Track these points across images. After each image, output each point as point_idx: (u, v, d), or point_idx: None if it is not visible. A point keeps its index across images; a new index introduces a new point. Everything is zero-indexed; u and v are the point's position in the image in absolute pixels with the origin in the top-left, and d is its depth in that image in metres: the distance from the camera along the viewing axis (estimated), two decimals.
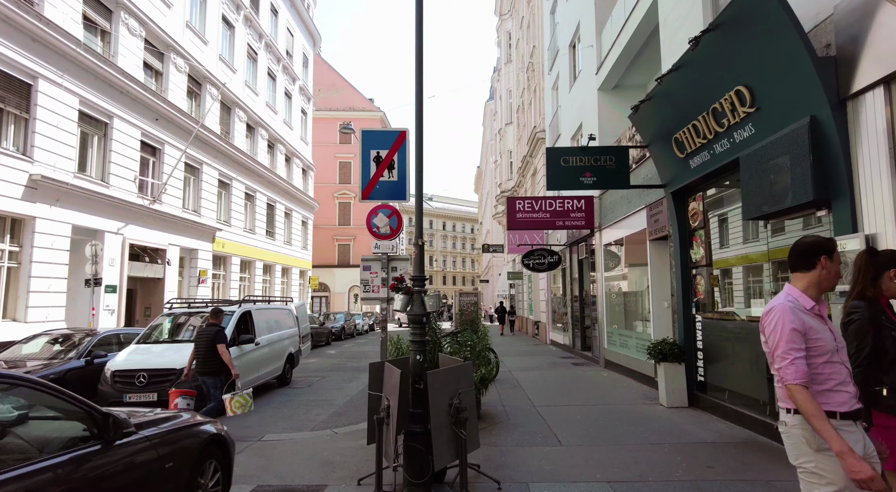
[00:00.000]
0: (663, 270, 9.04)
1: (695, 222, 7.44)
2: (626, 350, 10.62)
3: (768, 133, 5.14)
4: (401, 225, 6.22)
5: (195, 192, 21.50)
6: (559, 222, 12.18)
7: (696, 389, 7.42)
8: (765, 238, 5.87)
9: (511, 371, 11.79)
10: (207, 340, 6.66)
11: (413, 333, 4.39)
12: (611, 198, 11.49)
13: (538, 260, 15.70)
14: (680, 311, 7.68)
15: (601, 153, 8.11)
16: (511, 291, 32.93)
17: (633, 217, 10.06)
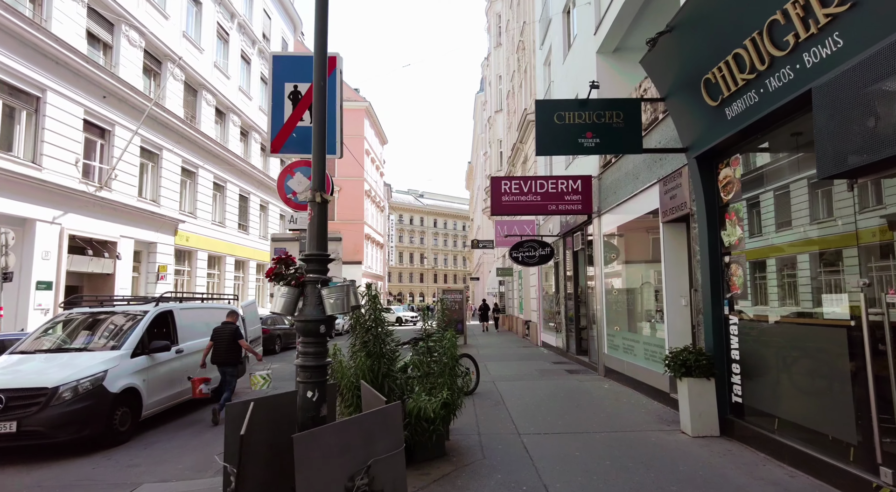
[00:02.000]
0: (680, 258, 7.31)
1: (728, 194, 5.70)
2: (631, 357, 8.89)
3: (867, 43, 3.41)
4: (328, 191, 4.43)
5: (154, 180, 19.56)
6: (552, 207, 10.42)
7: (731, 412, 5.69)
8: (847, 209, 4.12)
9: (495, 381, 10.01)
10: (228, 336, 7.95)
11: (303, 353, 2.62)
12: (613, 176, 9.75)
13: (528, 253, 13.96)
14: (707, 310, 5.94)
15: (606, 108, 6.34)
16: (501, 288, 31.20)
17: (641, 197, 8.31)
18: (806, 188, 4.68)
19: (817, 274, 4.56)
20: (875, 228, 3.88)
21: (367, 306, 4.92)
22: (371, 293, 4.89)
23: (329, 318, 2.75)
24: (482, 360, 13.71)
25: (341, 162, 43.23)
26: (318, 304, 2.72)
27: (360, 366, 4.62)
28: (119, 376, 6.35)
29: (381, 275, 54.43)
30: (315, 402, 2.53)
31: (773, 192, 5.17)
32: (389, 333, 5.04)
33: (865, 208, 3.98)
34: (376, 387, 4.60)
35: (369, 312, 4.88)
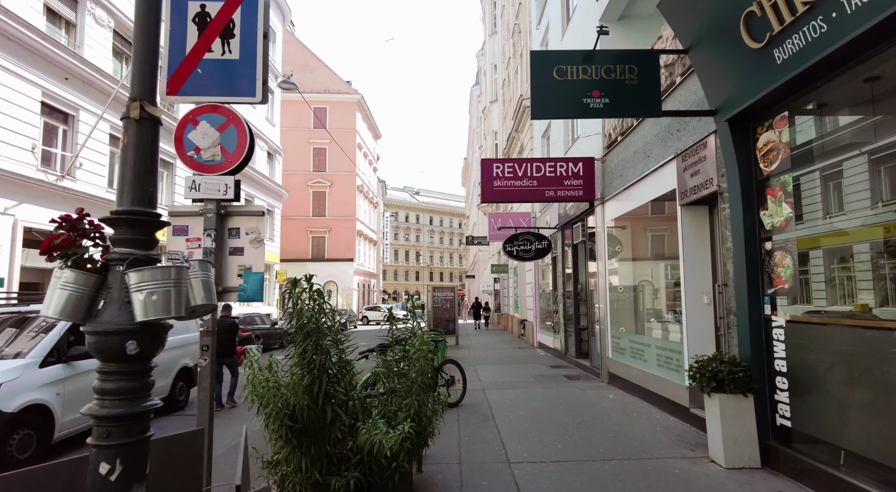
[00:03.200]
0: (702, 248, 6.17)
1: (771, 165, 4.55)
2: (640, 363, 7.75)
3: None
4: (244, 146, 3.26)
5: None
6: (550, 193, 9.26)
7: (774, 437, 4.55)
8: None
9: (485, 389, 8.86)
10: (226, 329, 8.65)
11: (100, 393, 1.47)
12: (619, 156, 8.59)
13: (523, 246, 12.81)
14: (742, 309, 4.79)
15: (617, 61, 5.17)
16: (496, 286, 30.07)
17: (653, 178, 7.16)
18: (886, 153, 3.54)
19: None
20: None
21: (308, 304, 3.75)
22: (307, 285, 3.73)
23: (145, 327, 1.58)
24: (473, 363, 12.56)
25: (332, 156, 42.05)
26: (123, 301, 1.58)
27: (292, 386, 3.46)
28: (19, 391, 5.17)
29: (375, 273, 53.24)
30: (115, 482, 1.40)
31: (835, 158, 4.02)
32: (339, 340, 3.87)
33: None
34: (314, 414, 3.45)
35: (309, 312, 3.72)
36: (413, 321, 4.61)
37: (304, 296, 3.86)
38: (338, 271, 41.76)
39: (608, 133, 9.15)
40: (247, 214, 3.38)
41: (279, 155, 33.29)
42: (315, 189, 42.89)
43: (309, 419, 3.43)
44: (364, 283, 47.60)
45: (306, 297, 3.81)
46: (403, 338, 4.60)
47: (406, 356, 4.29)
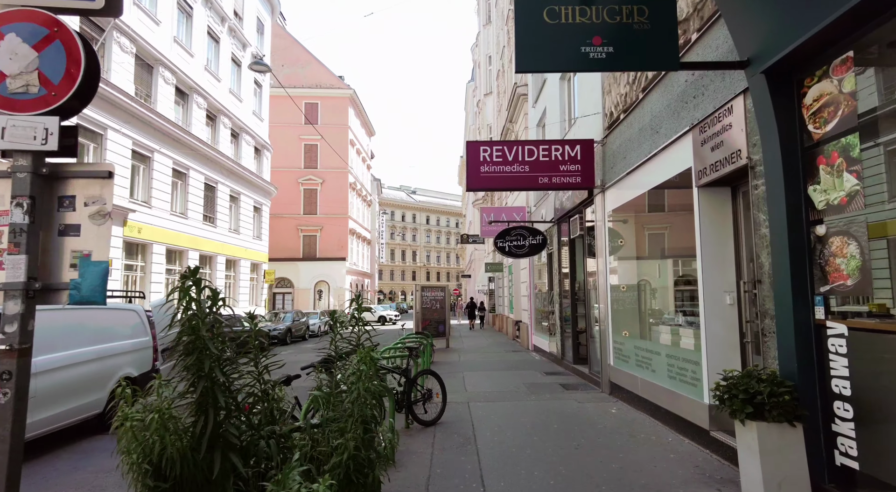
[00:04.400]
0: (723, 237, 5.13)
1: (824, 126, 3.51)
2: (647, 373, 6.70)
3: None
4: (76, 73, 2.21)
5: (96, 162, 17.23)
6: (543, 179, 8.21)
7: (832, 480, 3.51)
8: None
9: (470, 402, 7.79)
10: None
11: None
12: (622, 136, 7.55)
13: (516, 242, 11.76)
14: (784, 312, 3.75)
15: (623, 1, 4.13)
16: (491, 285, 29.04)
17: (662, 157, 6.12)
18: None
19: None
20: None
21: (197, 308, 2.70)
22: (192, 278, 2.68)
23: None
24: (461, 369, 11.51)
25: (323, 152, 40.98)
26: None
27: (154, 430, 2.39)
28: None
29: (369, 272, 52.14)
30: None
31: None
32: (233, 358, 2.80)
33: None
34: (194, 465, 2.39)
35: (192, 317, 2.66)
36: (356, 327, 3.54)
37: (203, 295, 2.82)
38: (330, 271, 40.67)
39: (609, 111, 8.11)
40: (85, 175, 2.31)
41: (267, 151, 32.22)
42: (306, 187, 41.78)
43: (185, 473, 2.38)
44: (357, 283, 46.51)
45: (202, 297, 2.76)
46: (346, 351, 3.54)
47: (347, 375, 3.22)
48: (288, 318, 23.19)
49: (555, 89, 12.16)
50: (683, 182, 5.69)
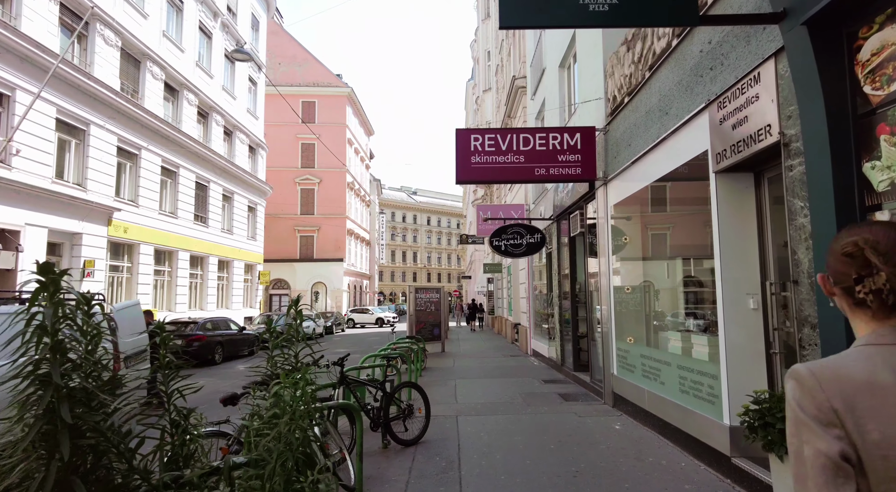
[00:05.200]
0: (745, 230, 4.41)
1: (887, 86, 2.79)
2: (655, 385, 5.98)
3: None
4: None
5: (79, 160, 16.59)
6: (540, 171, 7.49)
7: None
8: None
9: (459, 415, 7.06)
10: None
11: None
12: (626, 122, 6.83)
13: (512, 240, 11.05)
14: (831, 321, 3.03)
15: None
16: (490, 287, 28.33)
17: (672, 141, 5.41)
18: None
19: None
20: None
21: None
22: (48, 277, 1.98)
23: None
24: (454, 376, 10.79)
25: (321, 151, 40.33)
26: None
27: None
28: None
29: (368, 273, 51.46)
30: None
31: None
32: (98, 388, 2.08)
33: None
34: None
35: (38, 329, 1.95)
36: (296, 339, 2.84)
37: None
38: (327, 272, 39.99)
39: (612, 95, 7.39)
40: None
41: (262, 149, 31.57)
42: (303, 186, 41.12)
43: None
44: (355, 284, 45.82)
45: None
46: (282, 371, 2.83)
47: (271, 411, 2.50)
48: (281, 320, 22.49)
49: (553, 79, 11.45)
50: (697, 169, 4.97)
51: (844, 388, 0.92)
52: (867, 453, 0.89)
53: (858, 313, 1.04)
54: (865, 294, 0.99)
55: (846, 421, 0.90)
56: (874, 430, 0.89)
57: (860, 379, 0.93)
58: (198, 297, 24.39)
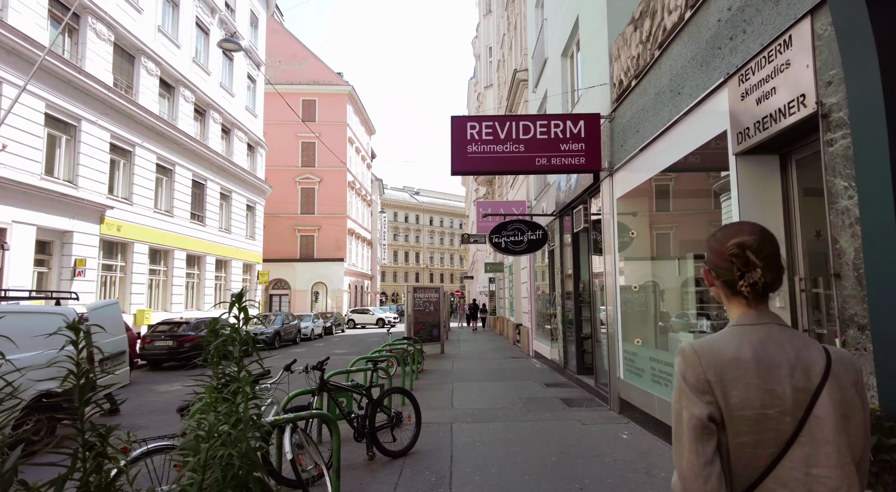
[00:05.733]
0: (771, 219, 3.90)
1: None
2: (666, 392, 5.48)
3: None
4: None
5: (70, 157, 16.19)
6: (540, 160, 7.01)
7: None
8: None
9: (454, 423, 6.58)
10: None
11: None
12: (634, 106, 6.33)
13: (513, 237, 10.56)
14: (887, 322, 2.56)
15: None
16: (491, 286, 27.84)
17: (686, 124, 4.91)
18: None
19: None
20: None
21: None
22: None
23: None
24: (453, 379, 10.31)
25: (322, 150, 39.94)
26: None
27: None
28: None
29: (369, 273, 51.02)
30: None
31: None
32: None
33: None
34: None
35: None
36: (239, 344, 2.36)
37: None
38: (327, 272, 39.57)
39: (617, 80, 6.89)
40: None
41: (262, 148, 31.17)
42: (303, 185, 40.71)
43: None
44: (356, 284, 45.39)
45: None
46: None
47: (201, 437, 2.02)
48: (278, 320, 22.07)
49: (556, 69, 10.96)
50: (714, 153, 4.48)
51: (717, 362, 1.14)
52: (729, 413, 1.11)
53: (734, 301, 1.25)
54: (745, 287, 1.20)
55: (715, 389, 1.12)
56: (735, 395, 1.11)
57: (729, 355, 1.14)
58: (195, 297, 24.00)
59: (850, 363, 1.17)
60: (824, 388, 1.12)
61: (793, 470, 1.09)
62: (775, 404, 1.11)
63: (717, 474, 1.10)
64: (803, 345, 1.17)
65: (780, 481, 1.10)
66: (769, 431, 1.11)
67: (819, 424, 1.10)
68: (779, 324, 1.21)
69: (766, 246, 1.21)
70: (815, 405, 1.11)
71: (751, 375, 1.12)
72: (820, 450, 1.09)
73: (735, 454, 1.13)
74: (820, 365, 1.14)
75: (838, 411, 1.11)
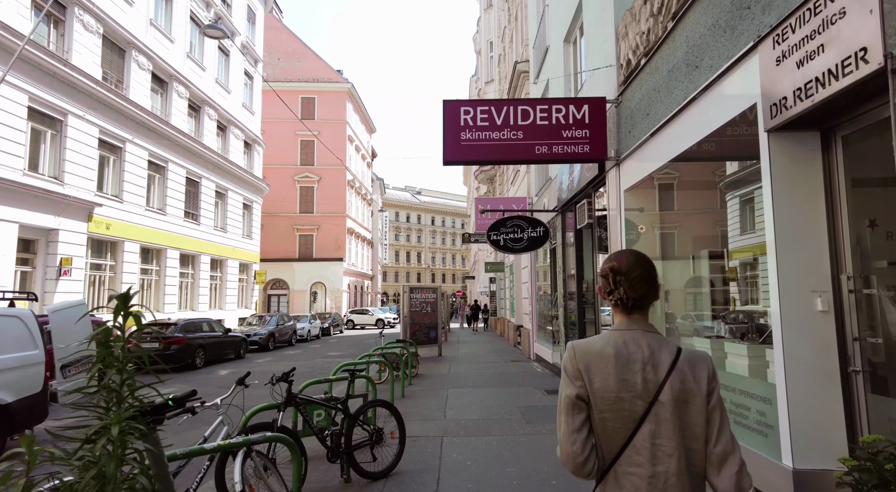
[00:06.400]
0: (811, 208, 3.31)
1: None
2: None
3: None
4: None
5: (56, 152, 15.66)
6: (541, 149, 6.40)
7: None
8: None
9: (444, 436, 5.97)
10: None
11: None
12: (645, 86, 5.71)
13: (513, 234, 9.95)
14: None
15: None
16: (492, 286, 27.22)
17: (705, 101, 4.29)
18: None
19: None
20: None
21: None
22: None
23: None
24: (449, 384, 9.71)
25: (321, 149, 39.40)
26: None
27: None
28: None
29: (369, 273, 50.44)
30: None
31: None
32: None
33: None
34: None
35: None
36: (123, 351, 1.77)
37: None
38: (326, 272, 38.99)
39: (625, 60, 6.29)
40: None
41: (259, 145, 30.62)
42: (302, 184, 40.15)
43: None
44: (356, 284, 44.81)
45: None
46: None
47: None
48: (273, 321, 21.48)
49: (558, 57, 10.36)
50: (739, 133, 3.88)
51: (587, 356, 1.47)
52: (593, 395, 1.43)
53: (616, 311, 1.56)
54: (612, 301, 1.54)
55: (584, 376, 1.45)
56: (598, 381, 1.43)
57: (596, 351, 1.47)
58: (189, 297, 23.45)
59: (699, 362, 1.44)
60: (668, 380, 1.39)
61: (643, 441, 1.38)
62: (628, 390, 1.41)
63: (582, 439, 1.41)
64: (658, 346, 1.45)
65: (635, 450, 1.39)
66: (624, 410, 1.40)
67: (662, 407, 1.38)
68: (644, 330, 1.49)
69: (633, 270, 1.50)
70: (661, 393, 1.39)
71: (610, 367, 1.42)
72: (662, 426, 1.37)
73: (600, 427, 1.43)
74: (667, 362, 1.42)
75: (677, 398, 1.38)
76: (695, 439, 1.38)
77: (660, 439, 1.36)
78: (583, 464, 1.39)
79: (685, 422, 1.37)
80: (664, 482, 1.34)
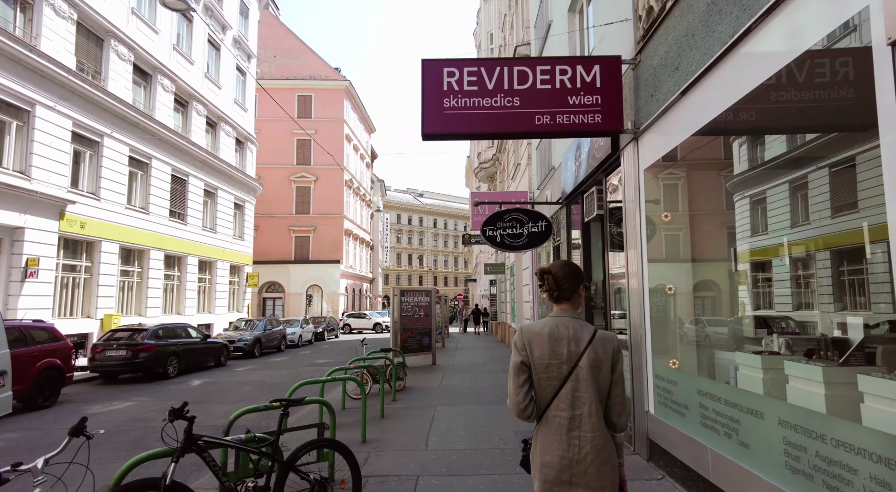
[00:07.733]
0: None
1: None
2: (727, 445, 3.60)
3: None
4: None
5: (22, 145, 14.56)
6: (542, 119, 5.21)
7: None
8: None
9: (420, 476, 4.74)
10: None
11: None
12: (670, 37, 4.47)
13: (511, 229, 8.76)
14: None
15: None
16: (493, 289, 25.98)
17: (767, 31, 3.07)
18: None
19: None
20: None
21: None
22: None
23: None
24: (438, 399, 8.47)
25: (318, 148, 38.33)
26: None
27: None
28: None
29: (368, 276, 49.26)
30: None
31: None
32: None
33: None
34: None
35: None
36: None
37: None
38: (323, 274, 37.84)
39: (644, 10, 5.09)
40: None
41: (252, 144, 29.52)
42: (299, 184, 39.04)
43: None
44: (354, 286, 43.64)
45: None
46: None
47: None
48: (260, 326, 20.29)
49: (562, 28, 9.18)
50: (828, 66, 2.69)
51: (529, 335, 2.16)
52: (532, 362, 2.11)
53: (549, 301, 2.27)
54: (543, 294, 2.27)
55: (527, 348, 2.14)
56: (536, 352, 2.12)
57: (536, 331, 2.15)
58: (175, 300, 22.33)
59: (608, 341, 2.14)
60: (585, 352, 2.09)
61: (566, 394, 2.06)
62: (557, 357, 2.10)
63: (524, 391, 2.10)
64: (580, 328, 2.16)
65: (560, 400, 2.07)
66: (554, 372, 2.10)
67: (580, 370, 2.07)
68: (571, 317, 2.21)
69: (559, 272, 2.23)
70: (580, 361, 2.08)
71: (545, 342, 2.11)
72: (580, 384, 2.06)
73: (538, 385, 2.12)
74: (586, 340, 2.11)
75: (591, 365, 2.07)
76: (601, 393, 2.08)
77: (578, 392, 2.06)
78: (524, 409, 2.08)
79: (597, 381, 2.07)
80: (579, 421, 2.03)
